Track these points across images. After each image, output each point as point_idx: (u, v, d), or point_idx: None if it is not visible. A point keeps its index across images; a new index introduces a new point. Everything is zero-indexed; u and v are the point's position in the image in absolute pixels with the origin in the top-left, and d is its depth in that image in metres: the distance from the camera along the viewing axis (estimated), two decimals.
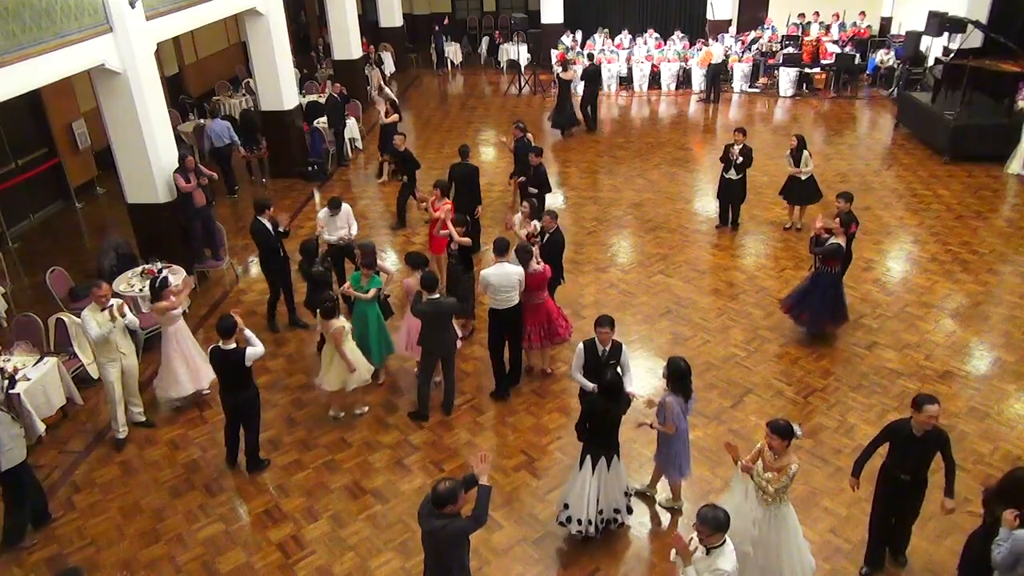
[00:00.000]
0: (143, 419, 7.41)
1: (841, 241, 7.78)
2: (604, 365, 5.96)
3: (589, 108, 15.70)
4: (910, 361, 7.93)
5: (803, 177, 10.50)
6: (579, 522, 5.64)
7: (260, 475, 6.75)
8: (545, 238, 7.97)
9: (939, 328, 8.51)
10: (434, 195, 9.11)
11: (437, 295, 6.89)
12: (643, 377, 7.81)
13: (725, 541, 4.28)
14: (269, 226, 8.43)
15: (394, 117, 13.34)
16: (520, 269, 7.14)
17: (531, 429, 7.20)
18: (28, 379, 7.05)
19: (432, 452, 6.96)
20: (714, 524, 4.20)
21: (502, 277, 7.05)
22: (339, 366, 7.00)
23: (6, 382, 6.92)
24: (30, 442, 7.11)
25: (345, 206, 9.02)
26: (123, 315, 6.87)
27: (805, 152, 10.37)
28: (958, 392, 7.45)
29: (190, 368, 7.43)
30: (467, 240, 8.15)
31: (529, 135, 11.60)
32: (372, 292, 7.37)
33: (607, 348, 6.11)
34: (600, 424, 5.46)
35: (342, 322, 6.94)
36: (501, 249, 7.15)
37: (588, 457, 5.56)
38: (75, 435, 7.40)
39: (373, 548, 5.96)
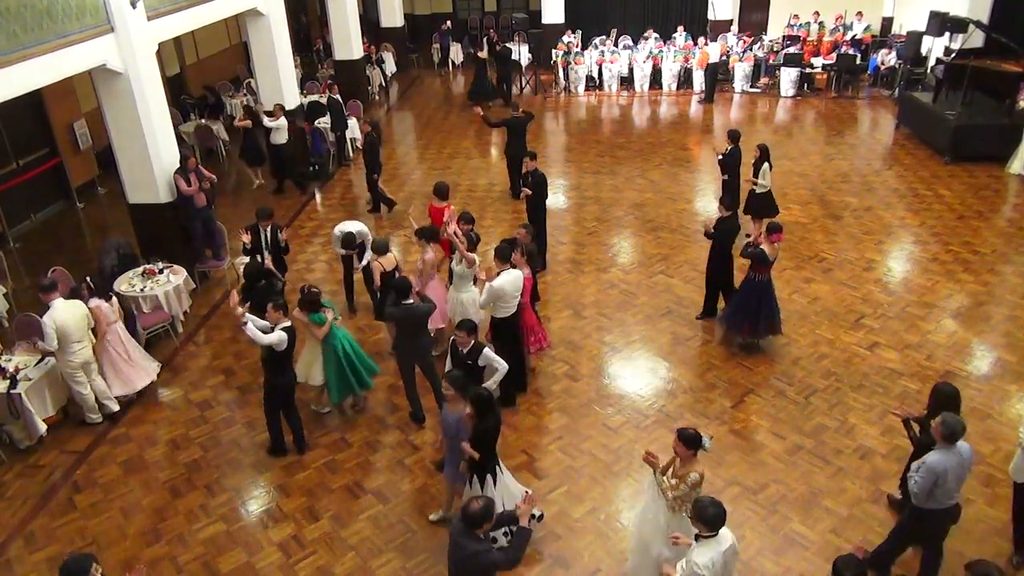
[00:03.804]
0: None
1: (767, 248, 7.65)
2: (463, 363, 6.25)
3: (504, 85, 17.90)
4: (911, 361, 7.93)
5: (758, 191, 10.05)
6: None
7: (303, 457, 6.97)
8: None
9: (940, 328, 8.50)
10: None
11: (411, 300, 6.75)
12: (644, 377, 7.84)
13: (716, 535, 4.26)
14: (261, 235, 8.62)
15: (247, 122, 12.80)
16: (520, 273, 7.15)
17: (532, 429, 7.19)
18: (29, 379, 7.07)
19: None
20: (700, 515, 4.28)
21: (514, 282, 7.03)
22: (319, 362, 7.09)
23: (7, 382, 6.95)
24: (31, 442, 7.16)
25: (358, 224, 9.03)
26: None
27: (765, 164, 9.92)
28: (959, 392, 7.41)
29: (133, 366, 7.65)
30: (466, 247, 8.07)
31: (374, 132, 11.72)
32: (325, 326, 6.92)
33: (465, 350, 6.29)
34: (481, 442, 5.42)
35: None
36: (506, 255, 7.10)
37: (475, 476, 5.51)
38: (76, 435, 7.40)
39: (374, 548, 5.96)
